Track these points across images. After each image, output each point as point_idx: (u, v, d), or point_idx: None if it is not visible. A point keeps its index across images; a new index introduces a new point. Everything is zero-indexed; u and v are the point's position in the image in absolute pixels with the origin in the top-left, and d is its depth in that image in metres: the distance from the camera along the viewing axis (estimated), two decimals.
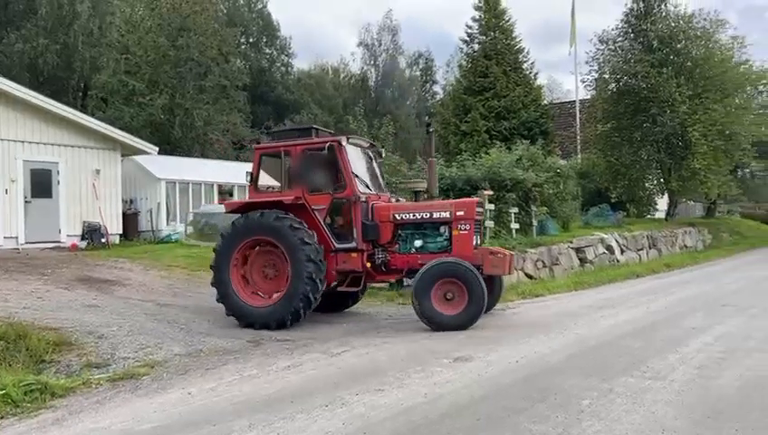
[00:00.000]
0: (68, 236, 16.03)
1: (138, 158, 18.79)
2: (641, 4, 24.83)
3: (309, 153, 9.53)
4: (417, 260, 9.27)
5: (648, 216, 28.05)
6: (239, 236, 9.30)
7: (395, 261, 9.47)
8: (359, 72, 48.50)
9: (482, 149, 20.24)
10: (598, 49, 25.34)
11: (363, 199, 9.30)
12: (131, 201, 18.82)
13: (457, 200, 10.40)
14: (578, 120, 30.05)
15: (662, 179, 26.09)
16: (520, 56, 25.97)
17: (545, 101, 31.49)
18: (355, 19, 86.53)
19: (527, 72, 26.11)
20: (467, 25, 26.16)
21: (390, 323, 9.49)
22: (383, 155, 11.37)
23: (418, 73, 51.07)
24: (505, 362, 6.56)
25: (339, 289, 9.79)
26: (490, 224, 14.55)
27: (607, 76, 25.21)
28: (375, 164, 10.46)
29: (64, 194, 16.14)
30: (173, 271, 12.46)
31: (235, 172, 22.65)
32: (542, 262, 15.24)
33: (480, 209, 9.85)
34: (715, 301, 10.89)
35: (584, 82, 26.77)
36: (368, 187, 9.71)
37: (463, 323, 8.55)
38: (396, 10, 79.66)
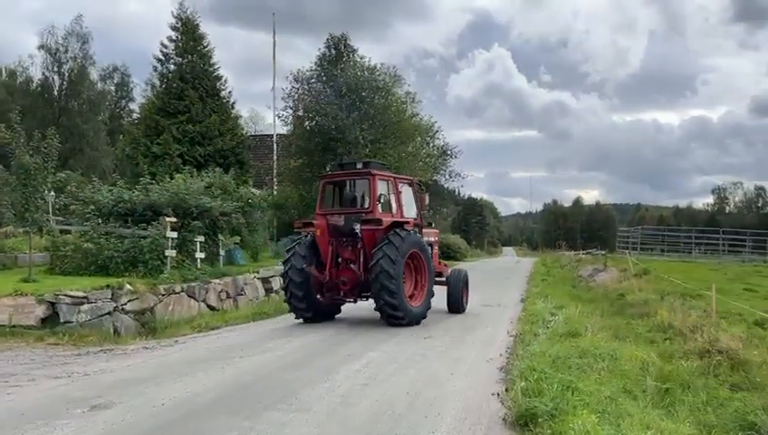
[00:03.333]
0: None
1: None
2: (333, 51, 26.82)
3: (407, 186, 13.69)
4: None
5: None
6: (405, 250, 11.71)
7: None
8: (40, 79, 42.78)
9: (175, 174, 19.32)
10: (293, 87, 26.57)
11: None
12: None
13: (435, 229, 15.24)
14: (275, 153, 30.89)
15: None
16: (218, 83, 25.67)
17: (245, 131, 31.73)
18: (36, 18, 76.87)
19: (225, 101, 25.90)
20: (163, 44, 25.00)
21: (30, 367, 8.10)
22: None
23: (113, 88, 47.22)
24: (150, 407, 6.02)
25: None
26: (172, 253, 13.81)
27: (301, 114, 26.48)
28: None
29: None
30: None
31: None
32: (227, 293, 14.97)
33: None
34: (375, 328, 11.76)
35: (280, 117, 27.76)
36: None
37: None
38: (88, 17, 72.62)
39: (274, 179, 30.78)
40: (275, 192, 29.38)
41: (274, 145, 31.32)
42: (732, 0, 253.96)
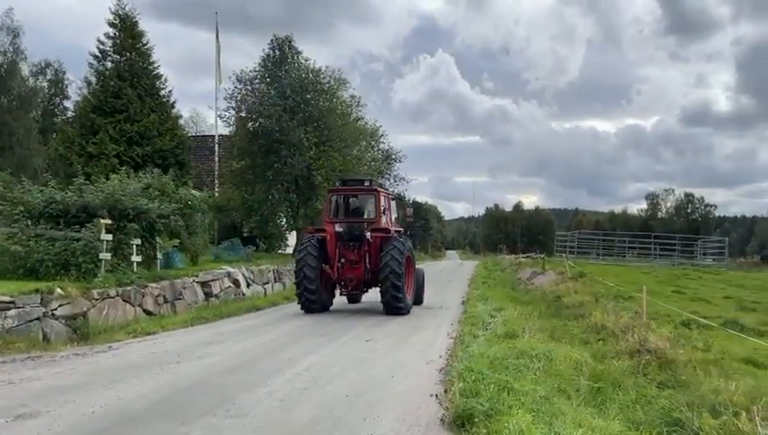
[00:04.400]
0: None
1: None
2: (277, 53, 26.52)
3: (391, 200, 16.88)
4: None
5: (280, 251, 29.66)
6: (405, 254, 14.41)
7: None
8: None
9: (111, 175, 18.67)
10: (236, 87, 26.15)
11: None
12: None
13: None
14: (216, 154, 30.34)
15: (292, 217, 27.93)
16: (158, 82, 24.94)
17: (186, 132, 30.99)
18: None
19: (165, 100, 25.20)
20: (100, 41, 24.06)
21: None
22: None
23: (46, 84, 45.29)
24: (78, 415, 5.80)
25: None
26: (107, 256, 13.36)
27: (244, 115, 26.07)
28: None
29: None
30: None
31: None
32: (164, 297, 14.56)
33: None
34: (317, 331, 11.75)
35: (222, 117, 27.28)
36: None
37: None
38: (19, 10, 69.39)
39: (216, 181, 30.21)
40: (217, 194, 28.82)
41: (216, 146, 30.73)
42: (664, 13, 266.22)
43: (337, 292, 15.77)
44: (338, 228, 14.89)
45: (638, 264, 36.63)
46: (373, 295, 15.58)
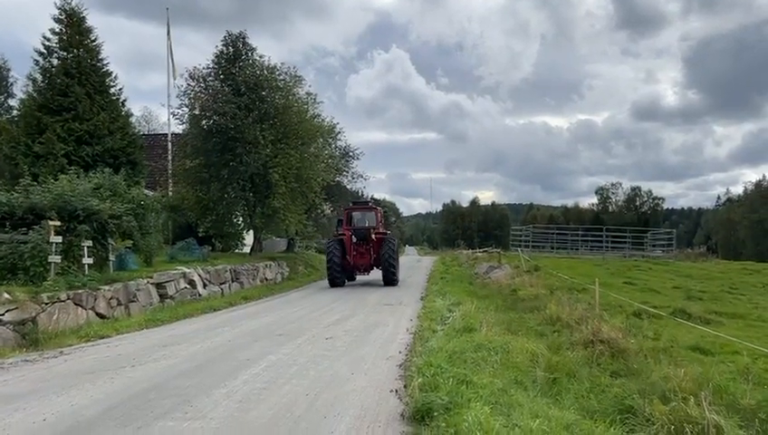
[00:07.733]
0: None
1: None
2: (231, 49, 26.08)
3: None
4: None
5: (237, 250, 29.26)
6: (396, 248, 23.58)
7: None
8: None
9: (59, 175, 18.08)
10: (189, 85, 25.59)
11: None
12: None
13: None
14: (170, 152, 29.72)
15: (249, 216, 27.57)
16: (107, 79, 24.25)
17: (138, 130, 30.25)
18: None
19: (115, 98, 24.53)
20: (45, 37, 23.20)
21: None
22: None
23: None
24: (29, 423, 5.62)
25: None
26: (56, 259, 12.95)
27: (197, 112, 25.57)
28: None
29: None
30: None
31: None
32: (117, 300, 14.23)
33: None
34: (276, 330, 11.67)
35: (175, 115, 26.70)
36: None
37: None
38: None
39: (169, 180, 29.59)
40: (170, 193, 28.24)
41: (169, 144, 30.14)
42: (616, 8, 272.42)
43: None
44: (353, 232, 23.59)
45: (591, 256, 37.49)
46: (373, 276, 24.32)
